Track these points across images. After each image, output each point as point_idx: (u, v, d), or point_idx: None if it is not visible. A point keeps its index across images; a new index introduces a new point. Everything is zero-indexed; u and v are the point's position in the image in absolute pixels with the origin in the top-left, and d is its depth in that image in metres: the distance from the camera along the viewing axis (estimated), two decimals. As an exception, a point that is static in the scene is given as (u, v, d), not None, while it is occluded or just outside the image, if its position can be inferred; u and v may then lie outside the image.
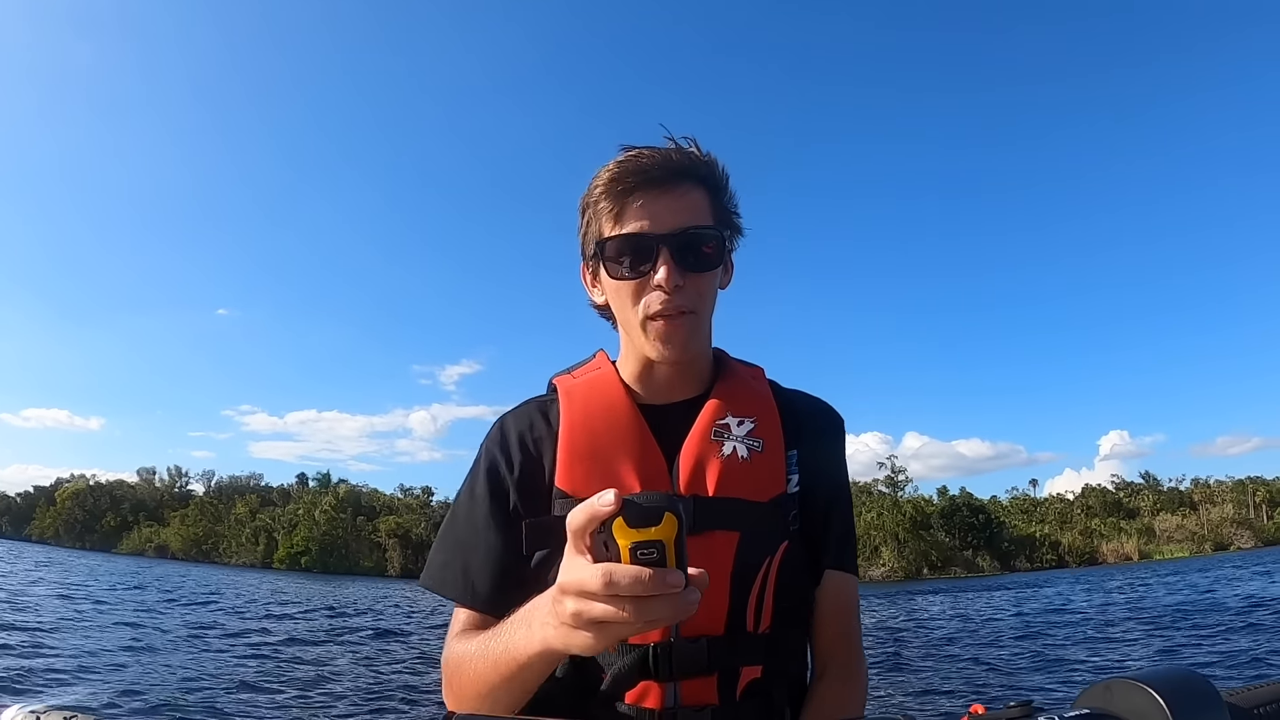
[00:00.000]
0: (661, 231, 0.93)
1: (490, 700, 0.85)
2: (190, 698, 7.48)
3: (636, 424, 1.00)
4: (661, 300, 0.94)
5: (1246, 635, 10.50)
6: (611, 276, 0.97)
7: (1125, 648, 10.53)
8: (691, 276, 0.95)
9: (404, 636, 14.82)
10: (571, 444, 0.99)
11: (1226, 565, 39.09)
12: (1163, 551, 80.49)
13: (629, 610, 0.59)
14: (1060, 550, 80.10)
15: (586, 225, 1.00)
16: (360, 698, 8.01)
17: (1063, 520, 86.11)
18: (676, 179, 0.95)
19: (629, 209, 0.94)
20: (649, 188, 0.94)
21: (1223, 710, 0.67)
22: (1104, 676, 0.70)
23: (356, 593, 36.25)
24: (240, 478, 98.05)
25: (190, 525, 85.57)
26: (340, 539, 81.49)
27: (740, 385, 1.05)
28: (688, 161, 0.97)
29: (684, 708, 0.91)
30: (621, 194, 0.94)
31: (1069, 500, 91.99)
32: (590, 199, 0.98)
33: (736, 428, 0.99)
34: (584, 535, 0.61)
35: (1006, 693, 7.38)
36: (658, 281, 0.93)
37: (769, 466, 0.99)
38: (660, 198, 0.94)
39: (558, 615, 0.66)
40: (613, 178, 0.95)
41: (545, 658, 0.76)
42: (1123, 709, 0.66)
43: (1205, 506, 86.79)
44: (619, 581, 0.58)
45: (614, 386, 1.03)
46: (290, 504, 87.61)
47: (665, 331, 0.96)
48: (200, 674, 8.89)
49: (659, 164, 0.95)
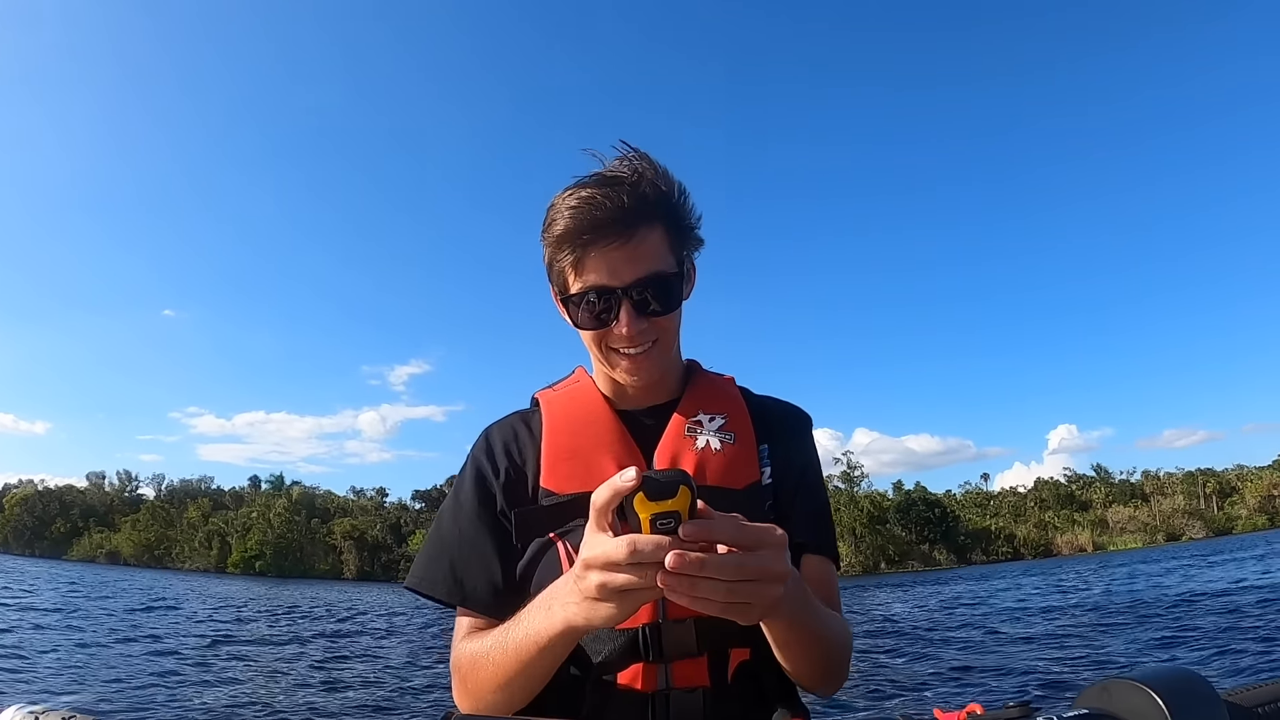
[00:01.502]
0: (621, 284, 0.96)
1: (509, 691, 0.89)
2: (178, 703, 7.39)
3: (614, 424, 1.05)
4: (624, 343, 0.99)
5: (1241, 631, 10.37)
6: (577, 326, 1.02)
7: (1124, 647, 10.42)
8: (652, 320, 0.99)
9: (388, 640, 14.67)
10: (554, 446, 1.04)
11: (1186, 555, 39.56)
12: (1116, 543, 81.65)
13: (651, 577, 0.65)
14: (1015, 543, 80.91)
15: (549, 260, 1.02)
16: (355, 702, 7.95)
17: (1016, 513, 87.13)
18: (633, 224, 0.96)
19: (588, 262, 0.96)
20: (606, 240, 0.95)
21: (1221, 710, 0.67)
22: (1103, 677, 0.71)
23: (323, 596, 35.92)
24: (191, 481, 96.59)
25: (142, 530, 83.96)
26: (295, 542, 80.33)
27: (711, 388, 1.11)
28: (642, 204, 0.97)
29: (676, 690, 0.93)
30: (578, 247, 0.96)
31: (1022, 493, 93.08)
32: (549, 240, 1.00)
33: (708, 423, 1.05)
34: (607, 511, 0.68)
35: (1006, 693, 7.31)
36: (620, 332, 0.98)
37: (741, 456, 1.04)
38: (618, 249, 0.95)
39: (581, 591, 0.72)
40: (567, 230, 0.96)
41: (566, 637, 0.81)
42: (1122, 709, 0.66)
43: (1156, 498, 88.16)
44: (643, 549, 0.64)
45: (592, 395, 1.09)
46: (243, 507, 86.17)
47: (632, 368, 1.02)
48: (186, 681, 8.76)
49: (614, 214, 0.95)
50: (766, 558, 0.67)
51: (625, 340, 0.99)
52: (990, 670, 8.98)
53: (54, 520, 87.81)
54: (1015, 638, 12.15)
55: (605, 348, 1.02)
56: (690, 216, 1.04)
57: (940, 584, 35.81)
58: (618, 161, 1.01)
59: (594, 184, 0.98)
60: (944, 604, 21.12)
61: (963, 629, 14.17)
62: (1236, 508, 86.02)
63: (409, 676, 9.70)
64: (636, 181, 0.98)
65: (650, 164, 1.01)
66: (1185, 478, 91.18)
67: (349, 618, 20.69)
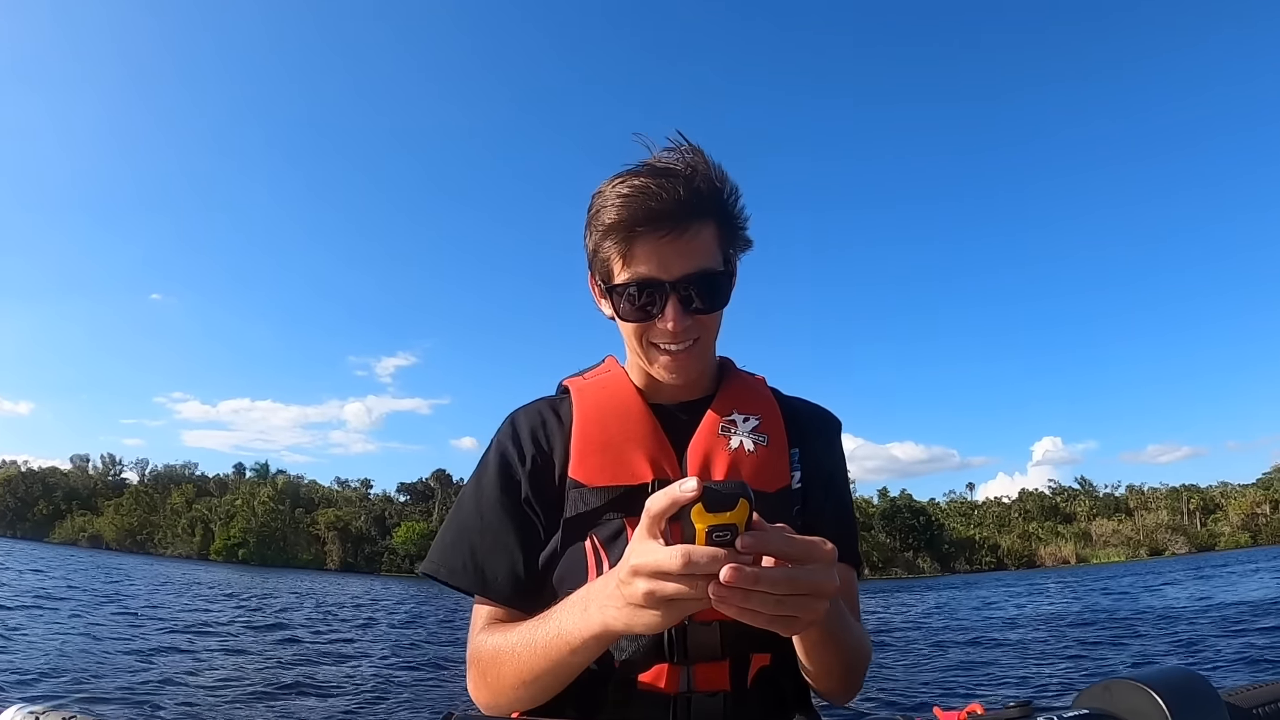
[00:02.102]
0: (670, 278, 0.94)
1: (532, 689, 0.88)
2: (182, 699, 7.30)
3: (647, 419, 1.03)
4: (668, 338, 0.97)
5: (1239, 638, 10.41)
6: (621, 317, 0.99)
7: (1123, 648, 10.41)
8: (697, 318, 0.97)
9: (388, 633, 14.57)
10: (585, 436, 1.01)
11: (1171, 570, 39.61)
12: (1099, 556, 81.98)
13: (702, 588, 0.63)
14: (999, 553, 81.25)
15: (594, 249, 0.99)
16: (355, 696, 7.89)
17: (1001, 523, 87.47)
18: (686, 220, 0.93)
19: (636, 252, 0.94)
20: (658, 232, 0.93)
21: (1221, 710, 0.67)
22: (1103, 676, 0.70)
23: (309, 586, 35.64)
24: (175, 466, 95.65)
25: (125, 515, 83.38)
26: (278, 531, 79.92)
27: (744, 387, 1.10)
28: (696, 198, 0.94)
29: (698, 692, 0.92)
30: (630, 238, 0.93)
31: (1006, 504, 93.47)
32: (594, 229, 0.97)
33: (742, 423, 1.03)
34: (661, 520, 0.66)
35: (1006, 693, 7.22)
36: (664, 326, 0.96)
37: (774, 460, 1.02)
38: (669, 243, 0.93)
39: (626, 596, 0.69)
40: (620, 219, 0.93)
41: (601, 639, 0.79)
42: (1122, 709, 0.66)
43: (1140, 512, 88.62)
44: (698, 561, 0.62)
45: (625, 386, 1.07)
46: (227, 494, 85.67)
47: (672, 365, 1.00)
48: (185, 673, 8.65)
49: (668, 206, 0.92)
50: (817, 572, 0.66)
51: (669, 336, 0.97)
52: (990, 670, 8.98)
53: (37, 502, 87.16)
54: (1013, 640, 12.16)
55: (646, 342, 1.00)
56: (741, 217, 1.01)
57: (927, 591, 35.85)
58: (667, 153, 0.97)
59: (647, 174, 0.94)
60: (935, 609, 21.21)
61: (960, 631, 14.18)
62: (1220, 524, 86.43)
63: (408, 671, 9.66)
64: (691, 175, 0.95)
65: (704, 159, 0.97)
66: (1169, 493, 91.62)
67: (340, 609, 20.59)
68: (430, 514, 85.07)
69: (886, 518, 79.09)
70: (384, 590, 35.44)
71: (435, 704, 7.43)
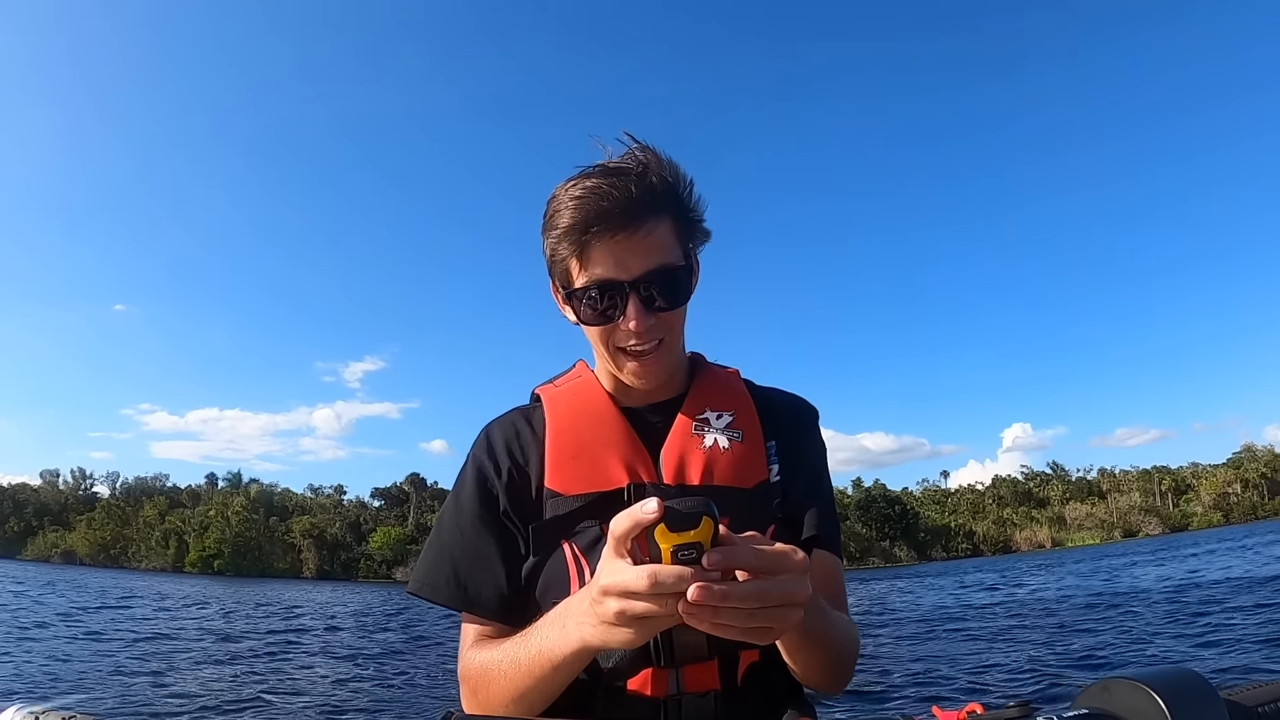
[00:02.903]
0: (629, 277, 0.93)
1: (522, 705, 0.88)
2: (175, 705, 7.30)
3: (620, 423, 1.02)
4: (632, 340, 0.96)
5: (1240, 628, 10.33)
6: (582, 321, 0.98)
7: (1121, 647, 10.40)
8: (660, 316, 0.96)
9: (377, 639, 14.46)
10: (559, 445, 1.01)
11: (1146, 550, 39.78)
12: (1074, 539, 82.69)
13: (671, 606, 0.64)
14: (975, 539, 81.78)
15: (551, 254, 0.98)
16: (353, 703, 7.82)
17: (975, 510, 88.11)
18: (640, 216, 0.93)
19: (593, 254, 0.93)
20: (613, 231, 0.92)
21: (1221, 709, 0.67)
22: (1103, 676, 0.70)
23: (289, 596, 35.30)
24: (146, 479, 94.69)
25: (97, 529, 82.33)
26: (253, 541, 79.23)
27: (716, 383, 1.09)
28: (649, 195, 0.94)
29: (687, 694, 0.91)
30: (585, 240, 0.93)
31: (980, 490, 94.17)
32: (553, 232, 0.96)
33: (715, 420, 1.03)
34: (626, 540, 0.66)
35: (1006, 693, 7.21)
36: (626, 328, 0.95)
37: (750, 455, 1.02)
38: (626, 240, 0.92)
39: (599, 615, 0.70)
40: (574, 222, 0.92)
41: (581, 655, 0.80)
42: (1122, 709, 0.66)
43: (1113, 495, 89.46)
44: (664, 581, 0.63)
45: (596, 391, 1.06)
46: (200, 505, 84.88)
47: (640, 370, 0.99)
48: (183, 683, 8.62)
49: (621, 204, 0.92)
50: (788, 583, 0.66)
51: (633, 336, 0.96)
52: (989, 670, 8.90)
53: (8, 519, 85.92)
54: (1011, 638, 12.07)
55: (612, 347, 0.99)
56: (697, 209, 1.01)
57: (907, 579, 35.86)
58: (625, 155, 0.97)
59: (599, 174, 0.94)
60: (916, 599, 21.09)
61: (955, 626, 14.14)
62: (1192, 505, 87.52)
63: (403, 674, 9.67)
64: (643, 172, 0.94)
65: (656, 155, 0.97)
66: (1141, 475, 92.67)
67: (324, 617, 20.54)
68: (405, 518, 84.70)
69: (862, 508, 79.48)
70: (368, 596, 35.24)
71: (431, 707, 7.41)
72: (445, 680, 8.87)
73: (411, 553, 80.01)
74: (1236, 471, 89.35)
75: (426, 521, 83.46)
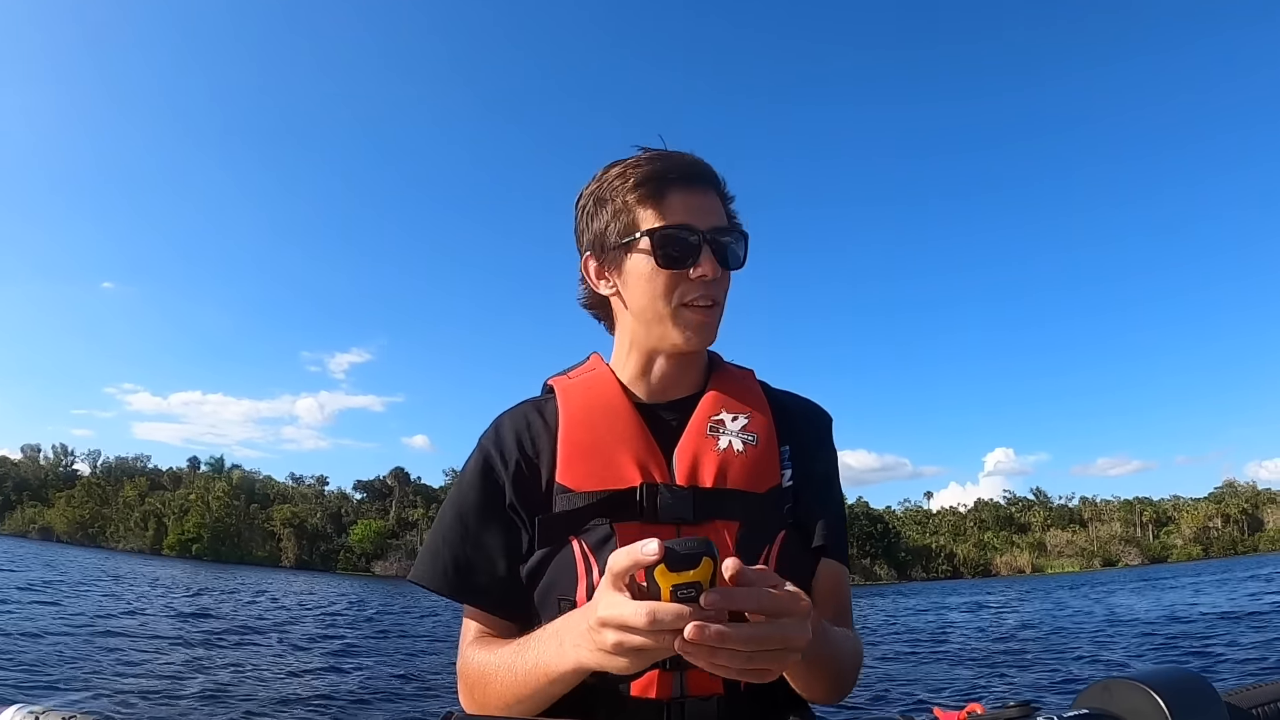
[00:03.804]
0: (705, 227, 0.97)
1: (516, 710, 0.89)
2: (171, 698, 7.24)
3: (634, 420, 1.02)
4: (699, 291, 0.98)
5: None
6: (660, 265, 0.97)
7: (1120, 650, 10.42)
8: (725, 274, 1.00)
9: (372, 633, 14.40)
10: (571, 440, 1.01)
11: (1130, 581, 39.89)
12: (1054, 566, 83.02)
13: (668, 641, 0.65)
14: (956, 561, 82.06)
15: (609, 217, 1.00)
16: (354, 697, 7.85)
17: (956, 532, 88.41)
18: (706, 181, 0.99)
19: (670, 202, 0.96)
20: (688, 184, 0.97)
21: (1221, 710, 0.67)
22: (1103, 676, 0.70)
23: (277, 585, 35.18)
24: (127, 459, 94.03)
25: (76, 507, 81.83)
26: (233, 527, 78.90)
27: (733, 384, 1.08)
28: (709, 169, 1.01)
29: (691, 697, 0.92)
30: (662, 188, 0.96)
31: (962, 513, 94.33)
32: (616, 191, 0.99)
33: (731, 423, 1.02)
34: (625, 576, 0.67)
35: (1006, 693, 7.25)
36: (700, 274, 0.96)
37: (764, 459, 1.01)
38: (699, 195, 0.97)
39: (596, 643, 0.71)
40: (652, 172, 0.97)
41: (578, 674, 0.81)
42: (1122, 709, 0.66)
43: (1094, 524, 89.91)
44: (663, 619, 0.64)
45: (611, 385, 1.06)
46: (181, 488, 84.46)
47: (698, 322, 0.99)
48: (174, 673, 8.57)
49: (695, 164, 0.99)
50: (789, 626, 0.66)
51: (701, 289, 0.97)
52: (990, 670, 8.98)
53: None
54: (1014, 639, 12.15)
55: (676, 302, 0.98)
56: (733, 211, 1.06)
57: (891, 596, 35.83)
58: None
59: (659, 150, 1.01)
60: (903, 615, 21.42)
61: (953, 632, 14.22)
62: (1172, 537, 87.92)
63: (399, 671, 9.64)
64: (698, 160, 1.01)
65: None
66: (1123, 505, 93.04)
67: (314, 608, 20.49)
68: (387, 512, 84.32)
69: (844, 525, 79.57)
70: (355, 589, 35.16)
71: (429, 706, 7.42)
72: (439, 677, 8.89)
73: (392, 547, 79.74)
74: (1218, 506, 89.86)
75: (408, 516, 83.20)
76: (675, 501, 0.95)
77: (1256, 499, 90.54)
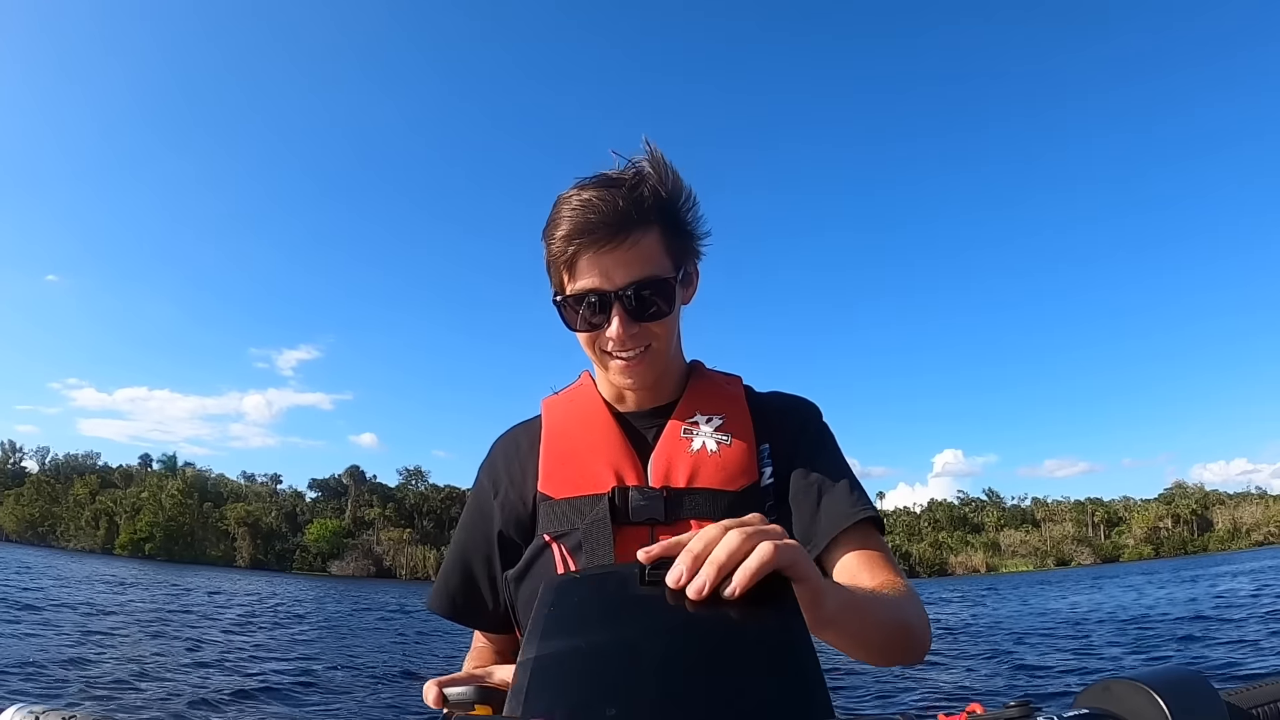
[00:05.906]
0: (613, 287, 0.97)
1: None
2: (175, 697, 7.21)
3: (611, 428, 1.06)
4: (615, 348, 1.00)
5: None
6: (571, 328, 1.03)
7: (1119, 649, 10.52)
8: (645, 325, 1.00)
9: (355, 633, 14.40)
10: (551, 450, 1.06)
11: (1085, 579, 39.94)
12: (1008, 565, 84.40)
13: None
14: (911, 561, 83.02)
15: (547, 264, 1.03)
16: (353, 696, 7.88)
17: (910, 532, 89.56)
18: (626, 230, 0.96)
19: (580, 265, 0.98)
20: (599, 244, 0.96)
21: (1221, 710, 0.67)
22: (1103, 676, 0.70)
23: (239, 586, 34.70)
24: (77, 456, 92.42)
25: (25, 505, 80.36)
26: (187, 526, 77.97)
27: (710, 388, 1.11)
28: (637, 206, 0.97)
29: None
30: (573, 252, 0.97)
31: (915, 513, 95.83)
32: (548, 242, 1.01)
33: (705, 424, 1.05)
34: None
35: (1006, 693, 7.28)
36: (610, 335, 0.99)
37: (738, 458, 1.03)
38: (611, 253, 0.96)
39: None
40: (564, 233, 0.97)
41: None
42: (1122, 708, 0.66)
43: (1047, 524, 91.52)
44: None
45: (591, 398, 1.10)
46: (133, 486, 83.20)
47: (625, 370, 1.02)
48: (183, 674, 8.56)
49: (607, 217, 0.96)
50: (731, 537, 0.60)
51: (615, 344, 0.99)
52: (990, 670, 9.00)
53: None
54: (1014, 639, 12.21)
55: (599, 351, 1.03)
56: (693, 221, 1.04)
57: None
58: (626, 166, 1.02)
59: (593, 185, 0.99)
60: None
61: (955, 632, 14.32)
62: (1124, 537, 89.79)
63: (396, 670, 9.72)
64: (636, 184, 0.98)
65: (658, 165, 1.00)
66: (1074, 506, 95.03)
67: (282, 609, 20.54)
68: (343, 511, 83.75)
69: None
70: (311, 589, 34.82)
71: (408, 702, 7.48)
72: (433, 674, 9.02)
73: (348, 546, 79.22)
74: (1168, 507, 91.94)
75: (364, 515, 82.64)
76: (648, 503, 0.98)
77: (1206, 500, 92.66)
